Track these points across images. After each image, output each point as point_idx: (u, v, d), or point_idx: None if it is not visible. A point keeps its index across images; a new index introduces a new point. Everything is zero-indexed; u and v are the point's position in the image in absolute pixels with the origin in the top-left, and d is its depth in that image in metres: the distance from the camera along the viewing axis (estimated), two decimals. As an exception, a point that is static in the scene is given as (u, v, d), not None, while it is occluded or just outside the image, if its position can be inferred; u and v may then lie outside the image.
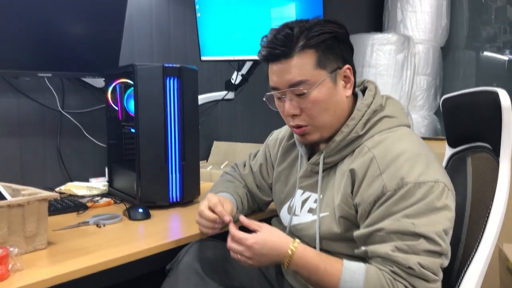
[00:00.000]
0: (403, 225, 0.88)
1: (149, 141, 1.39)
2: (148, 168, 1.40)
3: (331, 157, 1.03)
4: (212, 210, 1.07)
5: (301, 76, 0.98)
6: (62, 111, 1.71)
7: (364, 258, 0.95)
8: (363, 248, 0.94)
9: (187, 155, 1.44)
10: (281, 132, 1.26)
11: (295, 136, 1.14)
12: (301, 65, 0.97)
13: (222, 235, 1.14)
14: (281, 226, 1.16)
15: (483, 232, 0.95)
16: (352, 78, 1.03)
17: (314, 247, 1.01)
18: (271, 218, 1.26)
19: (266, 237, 0.95)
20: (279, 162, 1.22)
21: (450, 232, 0.92)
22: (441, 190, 0.91)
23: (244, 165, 1.34)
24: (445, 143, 1.23)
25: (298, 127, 1.03)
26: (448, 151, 1.22)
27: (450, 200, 0.92)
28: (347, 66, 1.01)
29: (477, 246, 0.95)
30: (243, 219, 1.02)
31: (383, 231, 0.90)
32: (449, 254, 0.92)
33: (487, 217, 0.95)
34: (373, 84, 1.07)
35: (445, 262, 0.91)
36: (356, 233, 0.95)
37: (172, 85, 1.41)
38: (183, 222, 1.32)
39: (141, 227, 1.25)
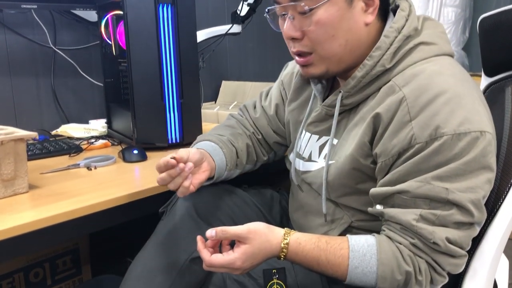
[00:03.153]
0: (433, 189, 0.73)
1: (143, 77, 1.27)
2: (143, 106, 1.28)
3: (351, 98, 0.85)
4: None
5: None
6: (55, 48, 1.58)
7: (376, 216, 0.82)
8: (378, 207, 0.80)
9: (185, 93, 1.32)
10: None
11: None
12: None
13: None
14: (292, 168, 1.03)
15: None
16: (377, 1, 0.81)
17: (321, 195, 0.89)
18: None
19: (254, 247, 0.77)
20: (290, 100, 1.05)
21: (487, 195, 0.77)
22: (487, 144, 0.73)
23: (255, 107, 1.15)
24: (475, 79, 1.06)
25: (300, 54, 0.85)
26: (484, 81, 1.05)
27: (494, 155, 0.76)
28: None
29: (508, 189, 0.82)
30: (213, 233, 0.77)
31: (408, 194, 0.74)
32: (483, 221, 0.78)
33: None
34: (407, 2, 0.86)
35: (477, 231, 0.78)
36: (373, 190, 0.80)
37: (165, 13, 1.25)
38: (182, 164, 1.22)
39: (136, 169, 1.15)
